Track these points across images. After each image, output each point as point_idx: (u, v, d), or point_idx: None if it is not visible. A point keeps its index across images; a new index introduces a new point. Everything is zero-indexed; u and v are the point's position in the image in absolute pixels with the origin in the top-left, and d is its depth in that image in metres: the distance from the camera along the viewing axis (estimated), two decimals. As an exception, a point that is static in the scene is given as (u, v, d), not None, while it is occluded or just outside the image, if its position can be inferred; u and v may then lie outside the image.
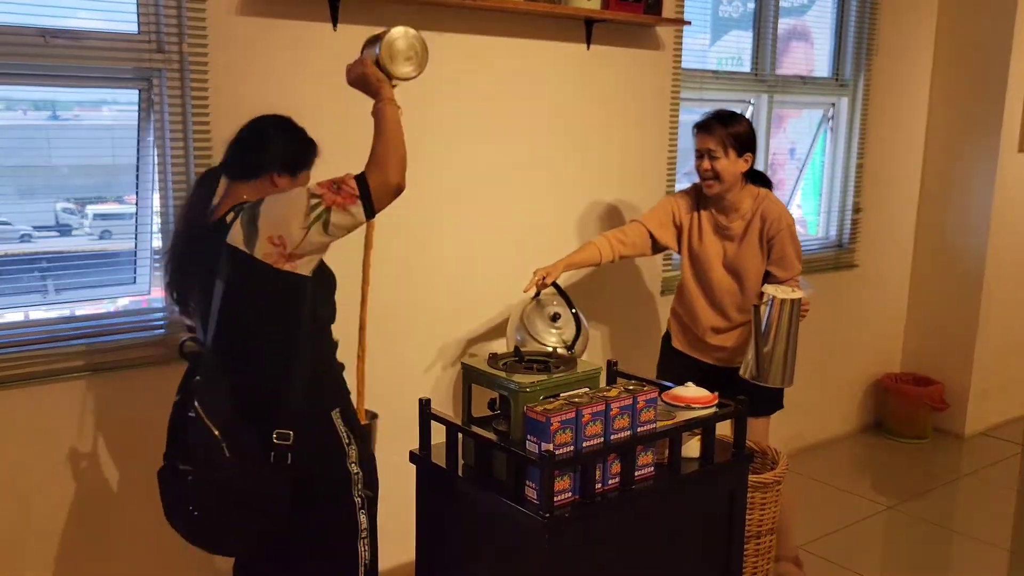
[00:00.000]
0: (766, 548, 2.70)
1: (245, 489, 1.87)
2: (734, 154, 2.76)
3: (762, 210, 2.82)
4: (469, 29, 2.90)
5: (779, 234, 2.80)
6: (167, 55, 2.40)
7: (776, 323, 2.55)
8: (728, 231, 2.86)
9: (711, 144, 2.75)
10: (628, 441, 1.92)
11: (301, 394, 1.91)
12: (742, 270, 2.84)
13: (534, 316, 2.66)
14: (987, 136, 4.41)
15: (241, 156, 2.03)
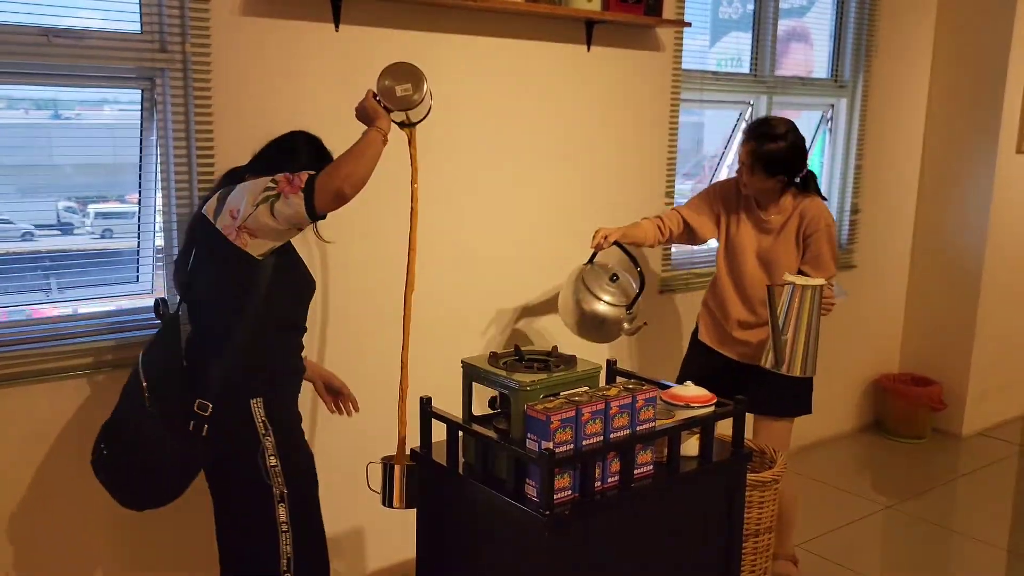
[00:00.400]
0: (764, 546, 2.71)
1: (155, 443, 2.05)
2: (761, 174, 2.77)
3: (802, 208, 2.83)
4: (470, 30, 2.91)
5: (816, 233, 2.81)
6: (170, 55, 2.41)
7: (797, 311, 2.54)
8: (765, 224, 2.88)
9: (743, 156, 2.79)
10: (627, 440, 1.93)
11: (226, 372, 2.05)
12: (774, 264, 2.85)
13: (592, 276, 2.74)
14: (986, 137, 4.42)
15: (266, 157, 2.20)
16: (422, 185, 2.90)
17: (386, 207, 2.80)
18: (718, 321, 3.01)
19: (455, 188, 2.99)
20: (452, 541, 2.10)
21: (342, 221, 2.79)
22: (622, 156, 3.40)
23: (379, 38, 2.74)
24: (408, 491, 2.14)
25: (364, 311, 2.86)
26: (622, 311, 2.71)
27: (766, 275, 2.87)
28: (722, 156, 4.04)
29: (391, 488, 2.15)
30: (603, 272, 2.78)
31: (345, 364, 2.85)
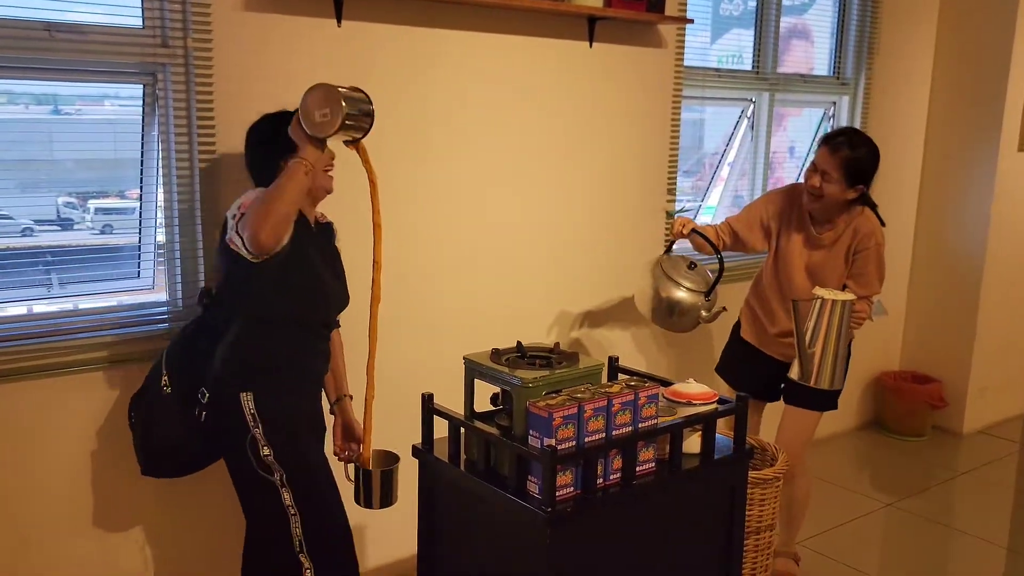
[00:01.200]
0: (765, 544, 2.71)
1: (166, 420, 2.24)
2: (843, 183, 2.74)
3: (856, 224, 2.82)
4: (472, 26, 2.91)
5: (865, 251, 2.81)
6: (171, 50, 2.41)
7: (826, 325, 2.55)
8: (817, 240, 2.87)
9: (828, 166, 2.73)
10: (630, 437, 1.93)
11: (221, 364, 2.17)
12: (822, 279, 2.85)
13: (671, 265, 2.80)
14: (987, 135, 4.42)
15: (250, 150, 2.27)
16: (424, 183, 2.91)
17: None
18: (761, 323, 3.04)
19: (457, 185, 2.98)
20: (453, 538, 2.10)
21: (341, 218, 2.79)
22: (624, 153, 3.39)
23: (381, 34, 2.73)
24: (382, 492, 2.27)
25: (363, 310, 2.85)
26: (700, 297, 2.75)
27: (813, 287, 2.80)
28: (723, 154, 4.04)
29: (363, 490, 2.30)
30: (681, 261, 2.83)
31: (350, 358, 2.85)
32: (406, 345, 2.96)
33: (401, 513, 2.93)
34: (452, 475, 2.06)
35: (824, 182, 2.74)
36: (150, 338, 2.49)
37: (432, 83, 2.87)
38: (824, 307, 2.54)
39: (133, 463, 2.50)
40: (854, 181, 2.74)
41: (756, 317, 3.06)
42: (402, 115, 2.82)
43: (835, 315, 2.54)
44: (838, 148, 2.72)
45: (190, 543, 2.66)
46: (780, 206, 2.95)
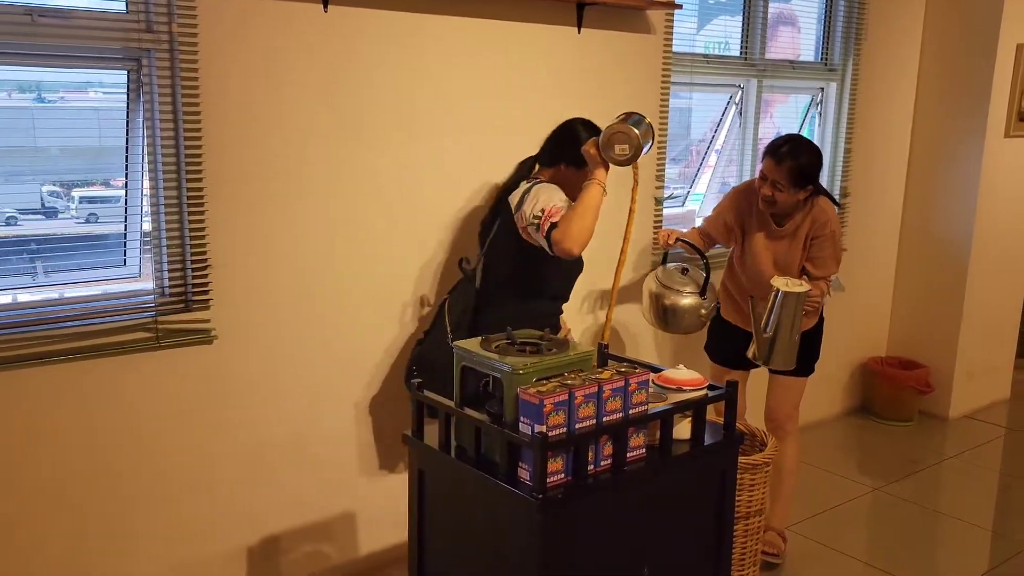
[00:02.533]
0: (755, 528, 2.73)
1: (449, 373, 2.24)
2: (794, 189, 2.91)
3: (813, 214, 3.00)
4: (460, 11, 2.89)
5: (821, 237, 3.00)
6: (156, 35, 2.38)
7: (779, 313, 2.79)
8: (779, 233, 3.05)
9: (776, 176, 2.89)
10: (620, 423, 1.93)
11: (489, 323, 2.58)
12: (786, 264, 3.05)
13: (668, 276, 3.06)
14: (974, 121, 4.43)
15: (549, 149, 2.73)
16: (413, 170, 2.90)
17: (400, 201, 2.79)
18: (737, 303, 3.22)
19: (445, 170, 2.97)
20: (445, 524, 2.10)
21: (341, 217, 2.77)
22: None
23: (368, 19, 2.71)
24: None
25: (360, 296, 2.85)
26: (698, 298, 3.01)
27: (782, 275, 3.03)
28: (711, 141, 4.04)
29: None
30: (675, 270, 3.08)
31: (342, 345, 2.84)
32: (402, 327, 2.96)
33: (392, 500, 2.93)
34: (443, 462, 2.06)
35: (775, 191, 2.91)
36: (136, 327, 2.47)
37: (420, 68, 2.85)
38: (780, 298, 2.79)
39: (120, 451, 2.49)
40: (802, 184, 2.91)
41: (732, 298, 3.24)
42: (390, 100, 2.80)
43: (788, 305, 2.78)
44: (782, 159, 2.88)
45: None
46: (740, 206, 3.13)
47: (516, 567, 1.88)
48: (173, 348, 2.53)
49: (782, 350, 2.83)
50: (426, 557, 2.16)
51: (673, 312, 3.02)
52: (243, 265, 2.61)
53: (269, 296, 2.68)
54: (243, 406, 2.69)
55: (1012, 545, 3.40)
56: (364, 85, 2.74)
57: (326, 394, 2.85)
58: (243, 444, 2.72)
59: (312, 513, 2.91)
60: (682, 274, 3.07)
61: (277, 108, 2.60)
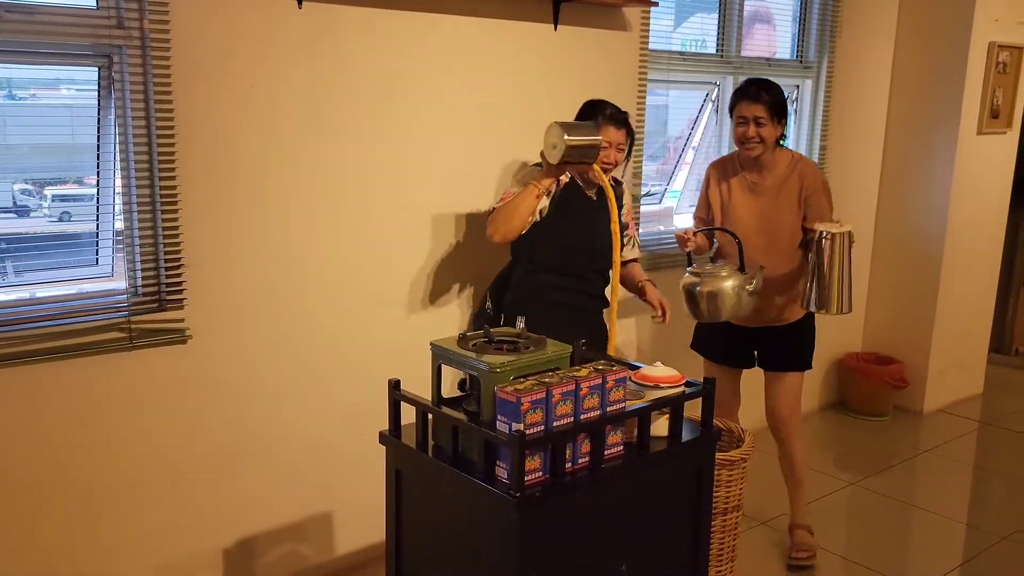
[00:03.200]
0: (732, 524, 2.74)
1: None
2: (774, 122, 2.93)
3: (799, 170, 3.00)
4: (435, 8, 2.88)
5: (816, 192, 2.98)
6: (127, 31, 2.35)
7: (828, 256, 2.77)
8: (760, 187, 3.02)
9: (759, 112, 2.90)
10: (598, 420, 1.93)
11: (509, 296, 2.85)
12: (775, 226, 2.99)
13: (699, 266, 2.94)
14: (947, 119, 4.48)
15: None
16: (388, 163, 2.88)
17: (386, 199, 2.78)
18: None
19: (424, 166, 2.96)
20: (422, 524, 2.09)
21: (317, 209, 2.75)
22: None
23: (343, 16, 2.69)
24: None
25: (335, 295, 2.83)
26: (740, 276, 2.86)
27: (767, 238, 2.99)
28: (688, 138, 4.05)
29: None
30: (705, 262, 3.00)
31: (316, 344, 2.83)
32: (377, 327, 2.94)
33: (370, 499, 2.92)
34: (420, 461, 2.05)
35: (759, 128, 2.91)
36: (109, 327, 2.45)
37: (396, 66, 2.84)
38: (832, 240, 2.75)
39: (91, 451, 2.47)
40: (780, 115, 2.94)
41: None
42: (366, 98, 2.78)
43: (836, 246, 2.75)
44: (758, 96, 2.91)
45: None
46: (717, 176, 3.13)
47: (494, 566, 1.88)
48: (147, 348, 2.50)
49: (839, 294, 2.80)
50: (403, 557, 2.15)
51: (717, 297, 2.84)
52: (217, 264, 2.59)
53: (244, 295, 2.66)
54: (219, 406, 2.67)
55: (986, 537, 3.44)
56: (339, 82, 2.72)
57: (302, 393, 2.83)
58: (219, 444, 2.69)
59: (289, 513, 2.89)
60: (713, 262, 3.00)
61: (252, 106, 2.57)
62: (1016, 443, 4.48)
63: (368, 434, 2.51)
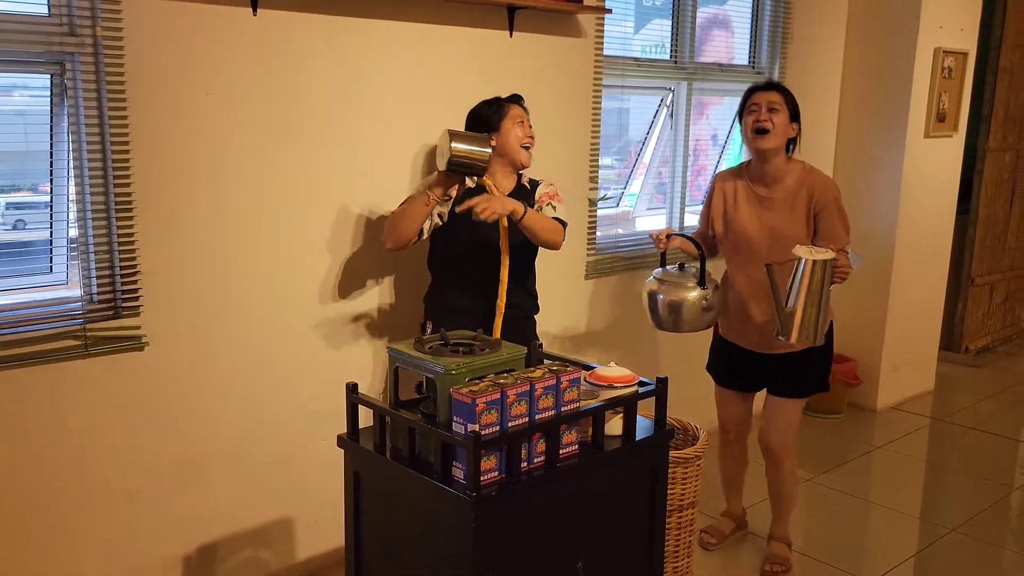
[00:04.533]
0: (688, 521, 2.78)
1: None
2: (789, 117, 2.83)
3: (809, 183, 2.84)
4: (391, 15, 2.90)
5: (826, 207, 2.83)
6: (80, 39, 2.34)
7: (808, 283, 2.57)
8: (768, 201, 2.88)
9: (773, 97, 2.82)
10: (552, 420, 1.96)
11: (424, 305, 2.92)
12: (786, 243, 2.77)
13: (665, 274, 2.85)
14: (895, 122, 4.59)
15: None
16: (343, 171, 2.89)
17: (311, 208, 2.79)
18: (731, 316, 3.04)
19: (379, 175, 2.97)
20: (381, 526, 2.11)
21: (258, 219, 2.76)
22: (547, 141, 3.41)
23: (298, 23, 2.70)
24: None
25: (292, 302, 2.84)
26: (699, 290, 2.76)
27: (776, 254, 2.77)
28: (645, 141, 4.11)
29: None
30: (673, 269, 2.87)
31: (275, 350, 2.83)
32: (335, 332, 2.95)
33: (329, 503, 2.92)
34: (378, 463, 2.06)
35: (772, 114, 2.80)
36: (64, 335, 2.43)
37: (352, 73, 2.85)
38: (806, 266, 2.57)
39: (46, 462, 2.44)
40: (794, 112, 2.84)
41: (729, 314, 3.05)
42: (323, 105, 2.80)
43: (816, 274, 2.57)
44: (771, 87, 2.86)
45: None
46: (722, 187, 2.99)
47: (452, 565, 1.90)
48: (103, 356, 2.49)
49: (808, 324, 2.60)
50: (363, 559, 2.16)
51: (680, 308, 2.76)
52: (175, 271, 2.59)
53: (202, 302, 2.65)
54: (178, 413, 2.66)
55: (937, 529, 3.53)
56: (295, 89, 2.74)
57: (262, 399, 2.83)
58: (178, 451, 2.69)
59: (249, 519, 2.89)
60: (679, 270, 2.86)
61: (208, 112, 2.58)
62: (966, 438, 4.60)
63: (326, 438, 2.53)
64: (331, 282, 2.92)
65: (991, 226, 5.74)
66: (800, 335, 2.60)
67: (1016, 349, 6.22)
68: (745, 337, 3.03)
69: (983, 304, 5.88)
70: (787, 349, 2.89)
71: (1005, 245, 5.94)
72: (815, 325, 2.61)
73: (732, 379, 3.13)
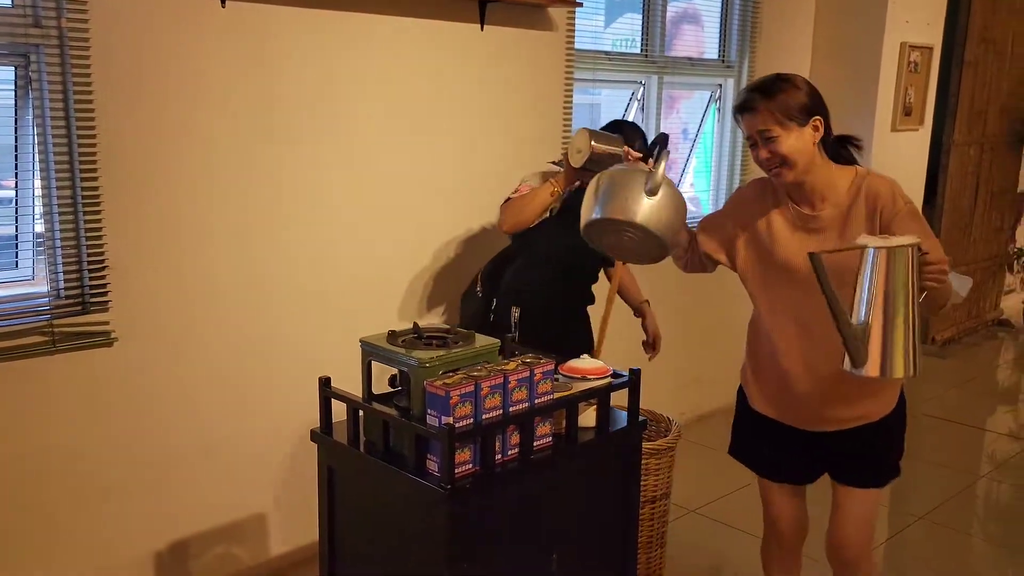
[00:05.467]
0: (661, 512, 2.81)
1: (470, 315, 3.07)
2: (796, 126, 2.02)
3: (866, 189, 2.04)
4: (361, 7, 2.89)
5: (898, 217, 1.99)
6: (45, 30, 2.31)
7: (883, 285, 1.74)
8: (815, 221, 2.07)
9: (761, 124, 2.01)
10: (526, 412, 1.97)
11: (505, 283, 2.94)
12: (847, 276, 1.84)
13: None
14: (863, 116, 4.65)
15: None
16: (316, 165, 2.88)
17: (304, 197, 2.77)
18: (772, 384, 2.22)
19: (349, 168, 2.96)
20: (355, 520, 2.10)
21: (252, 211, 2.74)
22: (518, 134, 3.43)
23: (267, 15, 2.68)
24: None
25: (262, 297, 2.82)
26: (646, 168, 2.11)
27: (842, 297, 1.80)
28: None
29: None
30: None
31: (246, 346, 2.81)
32: (305, 328, 2.94)
33: (302, 498, 2.92)
34: (352, 457, 2.06)
35: (772, 143, 2.01)
36: (30, 332, 2.40)
37: (321, 65, 2.84)
38: (878, 260, 1.74)
39: (12, 460, 2.42)
40: (805, 117, 2.04)
41: (762, 376, 2.27)
42: (292, 97, 2.78)
43: (897, 268, 1.73)
44: (752, 104, 2.03)
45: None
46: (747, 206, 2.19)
47: (426, 558, 1.90)
48: (71, 352, 2.46)
49: (894, 346, 1.74)
50: (337, 554, 2.16)
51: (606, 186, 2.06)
52: (144, 265, 2.56)
53: (172, 296, 2.63)
54: (147, 408, 2.64)
55: (907, 517, 3.59)
56: (264, 81, 2.72)
57: (233, 394, 2.81)
58: (149, 447, 2.66)
59: (222, 516, 2.87)
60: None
61: (176, 105, 2.55)
62: (934, 428, 4.67)
63: (299, 433, 2.52)
64: (304, 275, 2.91)
65: (956, 218, 5.83)
66: (885, 364, 1.75)
67: (981, 340, 6.32)
68: (790, 411, 2.21)
69: (949, 296, 5.97)
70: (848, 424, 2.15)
71: (970, 237, 6.04)
72: (905, 346, 1.74)
73: (777, 468, 2.32)
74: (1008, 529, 3.60)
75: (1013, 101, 6.08)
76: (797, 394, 2.18)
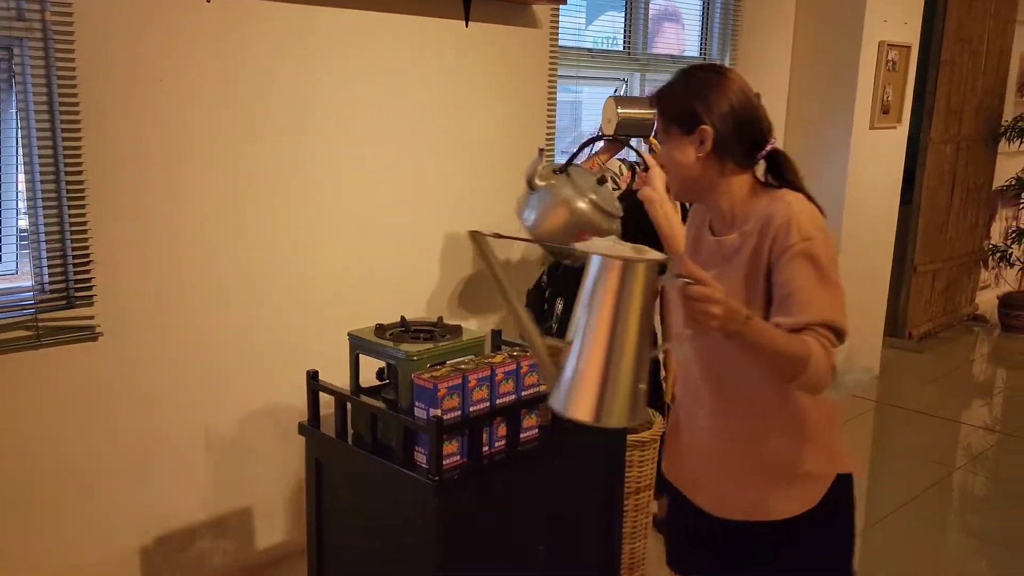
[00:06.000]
0: (644, 504, 2.84)
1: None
2: (677, 133, 1.62)
3: (766, 217, 1.58)
4: (345, 3, 2.89)
5: (784, 253, 1.55)
6: (28, 23, 2.30)
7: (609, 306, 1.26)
8: (717, 247, 1.66)
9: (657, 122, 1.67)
10: (513, 405, 1.99)
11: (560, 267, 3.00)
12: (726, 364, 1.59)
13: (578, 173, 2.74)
14: (841, 114, 4.69)
15: None
16: (301, 160, 2.88)
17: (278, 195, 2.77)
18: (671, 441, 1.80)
19: (335, 164, 2.97)
20: (343, 513, 2.12)
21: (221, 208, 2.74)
22: (502, 131, 3.44)
23: (252, 10, 2.68)
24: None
25: (247, 292, 2.82)
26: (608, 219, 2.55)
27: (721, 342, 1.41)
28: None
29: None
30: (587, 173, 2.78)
31: (231, 340, 2.81)
32: (291, 322, 2.94)
33: (291, 492, 2.92)
34: (340, 450, 2.07)
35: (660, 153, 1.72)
36: (14, 326, 2.38)
37: (306, 61, 2.84)
38: (603, 275, 1.27)
39: (9, 458, 2.40)
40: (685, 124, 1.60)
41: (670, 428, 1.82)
42: (277, 93, 2.78)
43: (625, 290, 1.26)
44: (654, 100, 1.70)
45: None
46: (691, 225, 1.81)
47: (414, 550, 1.92)
48: (55, 346, 2.45)
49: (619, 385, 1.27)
50: (325, 547, 2.17)
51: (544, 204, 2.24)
52: (129, 260, 2.55)
53: (158, 291, 2.62)
54: (132, 402, 2.63)
55: (883, 507, 3.64)
56: (249, 76, 2.72)
57: (219, 388, 2.81)
58: (134, 441, 2.66)
59: (209, 510, 2.87)
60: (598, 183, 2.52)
61: (161, 99, 2.55)
62: (910, 421, 4.73)
63: (286, 427, 2.52)
64: (290, 269, 2.91)
65: (933, 216, 5.90)
66: (601, 407, 1.26)
67: (957, 335, 6.41)
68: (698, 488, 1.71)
69: (925, 291, 6.05)
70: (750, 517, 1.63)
71: (946, 234, 6.12)
72: (632, 388, 1.28)
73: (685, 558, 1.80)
74: (983, 521, 3.66)
75: (988, 100, 6.16)
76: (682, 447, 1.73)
